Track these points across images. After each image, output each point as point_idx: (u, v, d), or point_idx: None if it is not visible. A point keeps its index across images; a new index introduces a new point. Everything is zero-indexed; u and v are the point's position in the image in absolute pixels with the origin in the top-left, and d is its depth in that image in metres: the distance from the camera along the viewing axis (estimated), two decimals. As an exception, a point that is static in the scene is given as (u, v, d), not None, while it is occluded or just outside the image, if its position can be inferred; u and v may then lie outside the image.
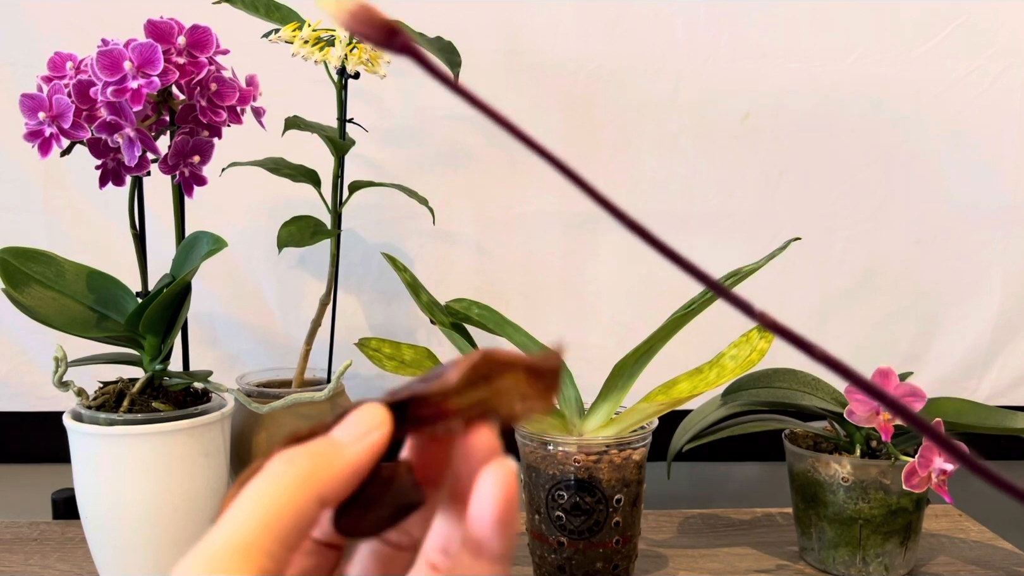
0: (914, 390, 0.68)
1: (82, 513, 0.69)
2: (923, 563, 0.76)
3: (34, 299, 0.66)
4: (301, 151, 0.80)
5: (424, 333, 0.98)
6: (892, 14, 0.96)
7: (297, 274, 0.97)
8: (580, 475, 0.67)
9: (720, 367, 0.70)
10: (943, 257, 1.00)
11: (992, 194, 0.99)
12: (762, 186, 0.98)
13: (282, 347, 0.97)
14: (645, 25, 0.95)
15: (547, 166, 0.25)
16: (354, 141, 0.78)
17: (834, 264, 1.00)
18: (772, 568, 0.76)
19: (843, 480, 0.71)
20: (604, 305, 0.99)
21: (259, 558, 0.24)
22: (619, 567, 0.69)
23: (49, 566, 0.75)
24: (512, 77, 0.95)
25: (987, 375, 1.02)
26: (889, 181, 0.99)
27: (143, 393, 0.68)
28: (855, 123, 0.98)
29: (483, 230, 0.97)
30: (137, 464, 0.66)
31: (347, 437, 0.26)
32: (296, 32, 0.72)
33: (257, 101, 0.69)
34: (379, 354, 0.73)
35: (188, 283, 0.67)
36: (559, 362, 0.28)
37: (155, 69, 0.62)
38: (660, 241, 0.24)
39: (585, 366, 0.71)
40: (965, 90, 0.98)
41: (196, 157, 0.67)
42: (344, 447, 0.26)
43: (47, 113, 0.62)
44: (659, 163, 0.97)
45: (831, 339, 1.01)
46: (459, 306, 0.78)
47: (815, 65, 0.96)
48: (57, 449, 0.71)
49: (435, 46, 0.77)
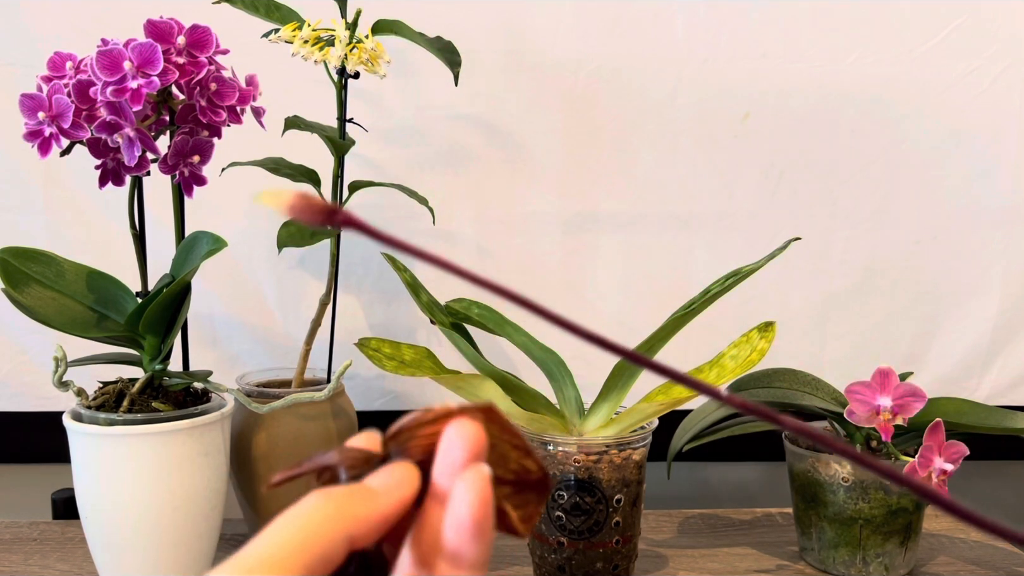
0: (914, 390, 0.68)
1: (82, 513, 0.69)
2: (923, 563, 0.76)
3: (34, 299, 0.66)
4: (301, 151, 0.80)
5: (424, 333, 0.97)
6: (892, 14, 0.96)
7: (297, 274, 0.97)
8: (580, 475, 0.67)
9: (720, 367, 0.70)
10: (943, 257, 1.00)
11: (992, 194, 0.99)
12: (762, 186, 0.98)
13: (282, 347, 0.97)
14: (645, 25, 0.95)
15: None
16: (354, 141, 0.78)
17: (834, 264, 1.00)
18: (772, 568, 0.76)
19: (843, 480, 0.71)
20: (604, 305, 0.99)
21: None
22: (619, 567, 0.69)
23: (49, 566, 0.75)
24: (512, 77, 0.95)
25: (987, 375, 1.02)
26: (889, 181, 0.99)
27: (143, 393, 0.69)
28: (855, 123, 0.98)
29: (483, 230, 0.97)
30: (137, 464, 0.66)
31: (381, 487, 0.28)
32: (296, 32, 0.72)
33: (257, 101, 0.69)
34: (379, 354, 0.73)
35: (188, 283, 0.67)
36: (548, 484, 0.31)
37: (155, 69, 0.62)
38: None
39: (585, 366, 0.71)
40: (965, 90, 0.97)
41: (196, 157, 0.67)
42: (378, 496, 0.28)
43: (47, 113, 0.62)
44: (659, 163, 0.97)
45: (831, 339, 1.01)
46: (459, 306, 0.78)
47: (815, 65, 0.96)
48: (57, 449, 0.71)
49: (435, 46, 0.77)
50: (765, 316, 0.71)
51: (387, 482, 0.28)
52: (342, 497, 0.27)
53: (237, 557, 0.26)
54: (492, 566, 0.74)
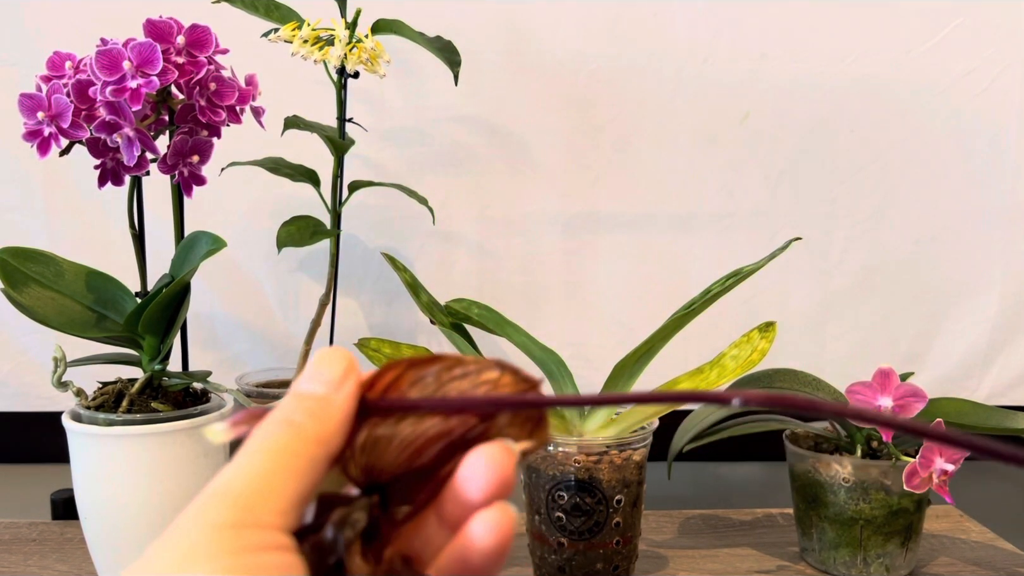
0: (914, 390, 0.68)
1: (81, 513, 0.69)
2: (924, 563, 0.76)
3: (33, 299, 0.66)
4: (301, 151, 0.80)
5: (424, 333, 0.97)
6: (891, 14, 0.96)
7: (297, 274, 0.97)
8: (580, 476, 0.67)
9: (721, 367, 0.69)
10: (943, 257, 1.00)
11: (992, 194, 0.99)
12: (762, 186, 0.98)
13: (282, 347, 0.97)
14: (645, 25, 0.95)
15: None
16: (354, 141, 0.78)
17: (834, 264, 1.00)
18: (773, 569, 0.76)
19: (844, 480, 0.71)
20: (604, 305, 0.99)
21: (285, 504, 0.24)
22: (619, 568, 0.69)
23: (48, 566, 0.75)
24: (512, 77, 0.95)
25: (987, 375, 1.02)
26: (889, 181, 0.99)
27: (142, 393, 0.68)
28: (855, 123, 0.98)
29: (483, 230, 0.97)
30: (136, 464, 0.65)
31: (324, 387, 0.27)
32: (295, 31, 0.72)
33: (256, 101, 0.69)
34: (379, 354, 0.73)
35: (187, 283, 0.67)
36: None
37: (154, 69, 0.62)
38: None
39: (585, 366, 0.71)
40: (965, 90, 0.97)
41: (195, 157, 0.67)
42: (330, 401, 0.26)
43: (46, 113, 0.62)
44: (659, 163, 0.97)
45: (831, 339, 1.01)
46: (459, 306, 0.78)
47: (815, 65, 0.96)
48: (56, 449, 0.71)
49: (435, 46, 0.77)
50: (765, 316, 0.71)
51: (329, 377, 0.27)
52: (304, 417, 0.26)
53: (216, 488, 0.24)
54: (492, 566, 0.74)
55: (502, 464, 0.26)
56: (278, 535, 0.23)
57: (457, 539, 0.26)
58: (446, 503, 0.27)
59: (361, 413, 0.27)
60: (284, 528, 0.23)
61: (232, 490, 0.23)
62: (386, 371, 0.28)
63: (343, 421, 0.26)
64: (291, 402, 0.27)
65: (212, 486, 0.24)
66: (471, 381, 0.28)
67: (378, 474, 0.27)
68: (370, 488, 0.27)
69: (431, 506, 0.27)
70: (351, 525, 0.26)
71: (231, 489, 0.23)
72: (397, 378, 0.28)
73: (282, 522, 0.23)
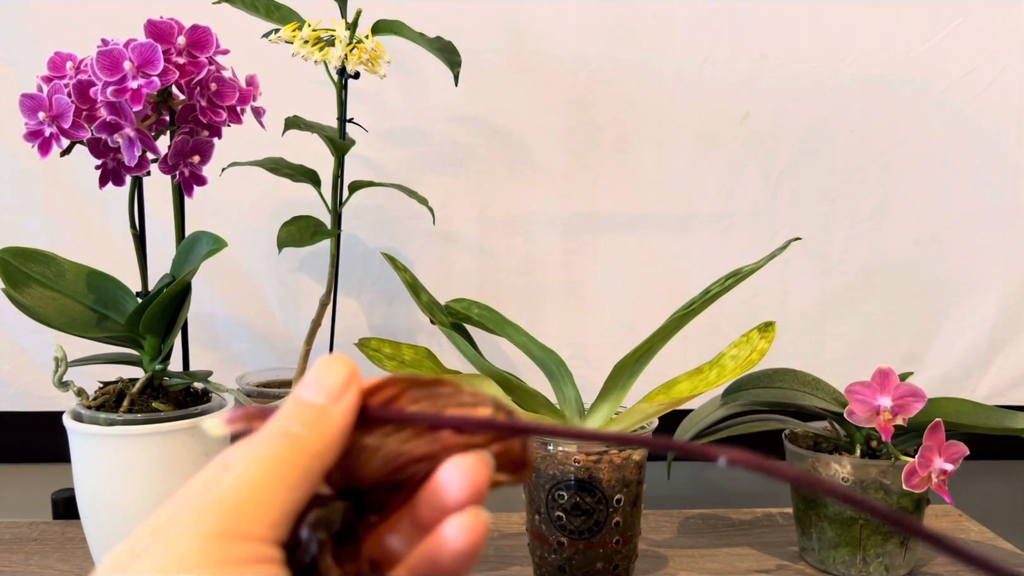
0: (914, 390, 0.68)
1: (82, 513, 0.69)
2: (923, 563, 0.76)
3: (34, 299, 0.66)
4: (301, 151, 0.80)
5: (424, 333, 0.98)
6: (891, 14, 0.96)
7: (297, 274, 0.97)
8: (580, 475, 0.67)
9: (720, 367, 0.70)
10: (943, 257, 1.00)
11: (992, 194, 0.99)
12: (762, 186, 0.98)
13: (282, 347, 0.97)
14: (645, 25, 0.95)
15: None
16: (354, 141, 0.78)
17: (834, 264, 1.00)
18: (772, 568, 0.76)
19: (843, 480, 0.71)
20: (604, 305, 0.99)
21: (276, 515, 0.24)
22: (619, 567, 0.69)
23: (49, 566, 0.75)
24: (512, 77, 0.95)
25: (986, 375, 1.02)
26: (889, 181, 0.99)
27: (143, 393, 0.68)
28: (855, 123, 0.98)
29: (483, 230, 0.97)
30: (137, 464, 0.66)
31: (324, 398, 0.27)
32: (296, 32, 0.72)
33: (257, 101, 0.69)
34: (379, 354, 0.73)
35: (188, 283, 0.67)
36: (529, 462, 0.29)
37: (155, 69, 0.62)
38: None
39: (585, 366, 0.71)
40: (964, 90, 0.98)
41: (196, 157, 0.67)
42: (329, 414, 0.26)
43: (47, 113, 0.62)
44: (659, 163, 0.97)
45: (831, 339, 1.01)
46: (459, 306, 0.78)
47: (815, 65, 0.96)
48: (57, 449, 0.71)
49: (435, 46, 0.77)
50: (765, 316, 0.71)
51: (330, 387, 0.27)
52: (300, 427, 0.26)
53: (201, 497, 0.24)
54: (492, 566, 0.74)
55: (477, 472, 0.26)
56: (265, 548, 0.23)
57: (429, 539, 0.26)
58: (421, 506, 0.27)
59: (359, 418, 0.27)
60: (273, 540, 0.24)
61: (224, 498, 0.24)
62: (387, 386, 0.28)
63: (340, 433, 0.26)
64: (290, 409, 0.27)
65: (207, 489, 0.24)
66: (464, 412, 0.28)
67: (357, 480, 0.28)
68: (346, 491, 0.28)
69: (405, 508, 0.28)
70: (325, 527, 0.26)
71: (223, 497, 0.24)
72: (398, 394, 0.28)
73: (271, 534, 0.24)
